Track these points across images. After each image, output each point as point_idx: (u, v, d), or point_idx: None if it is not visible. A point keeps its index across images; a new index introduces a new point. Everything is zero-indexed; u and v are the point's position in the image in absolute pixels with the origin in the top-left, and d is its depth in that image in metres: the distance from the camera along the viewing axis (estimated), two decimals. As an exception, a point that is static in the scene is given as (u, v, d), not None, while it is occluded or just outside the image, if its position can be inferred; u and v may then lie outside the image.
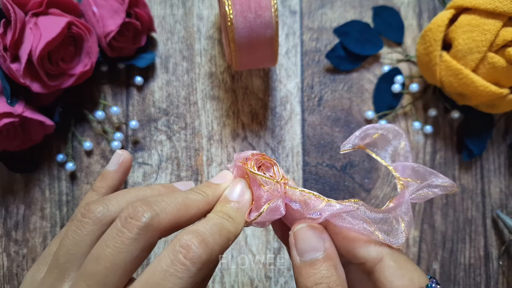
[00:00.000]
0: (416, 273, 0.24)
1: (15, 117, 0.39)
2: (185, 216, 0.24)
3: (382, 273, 0.24)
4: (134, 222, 0.22)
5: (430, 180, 0.28)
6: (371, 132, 0.31)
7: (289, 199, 0.27)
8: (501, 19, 0.38)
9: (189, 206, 0.24)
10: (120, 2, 0.41)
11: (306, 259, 0.24)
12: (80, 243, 0.23)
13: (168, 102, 0.47)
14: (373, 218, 0.26)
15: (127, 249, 0.21)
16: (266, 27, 0.37)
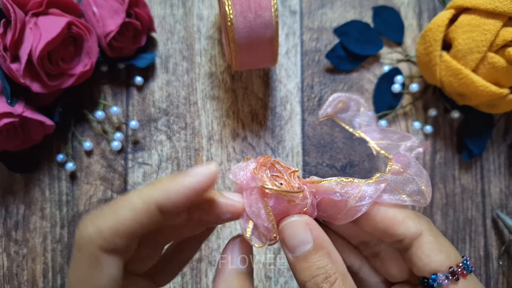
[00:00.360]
0: (452, 250, 0.25)
1: (15, 117, 0.39)
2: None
3: (420, 248, 0.24)
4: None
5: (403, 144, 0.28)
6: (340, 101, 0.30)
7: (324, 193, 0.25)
8: (501, 19, 0.38)
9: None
10: (120, 2, 0.41)
11: (298, 254, 0.24)
12: None
13: (168, 102, 0.47)
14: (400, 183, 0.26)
15: None
16: (266, 27, 0.37)
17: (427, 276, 0.25)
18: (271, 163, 0.26)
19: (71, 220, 0.45)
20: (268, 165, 0.25)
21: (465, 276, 0.24)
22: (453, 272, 0.24)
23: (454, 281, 0.24)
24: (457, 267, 0.24)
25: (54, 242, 0.45)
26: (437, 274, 0.24)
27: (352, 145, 0.47)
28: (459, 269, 0.24)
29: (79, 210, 0.45)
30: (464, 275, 0.24)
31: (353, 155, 0.47)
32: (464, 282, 0.24)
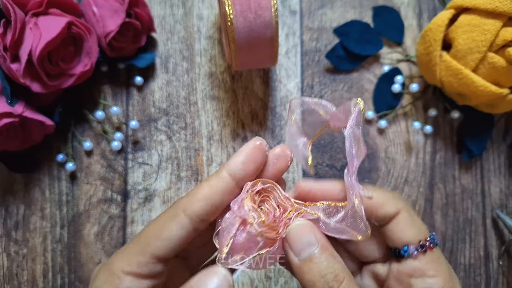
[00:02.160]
0: (422, 226, 0.28)
1: (15, 117, 0.39)
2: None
3: (396, 224, 0.28)
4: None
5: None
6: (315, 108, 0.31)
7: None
8: (501, 19, 0.38)
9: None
10: (120, 2, 0.41)
11: (304, 256, 0.25)
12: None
13: (168, 102, 0.47)
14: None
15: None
16: (266, 27, 0.37)
17: (400, 248, 0.28)
18: (267, 192, 0.26)
19: (71, 220, 0.45)
20: (261, 195, 0.26)
21: (431, 249, 0.27)
22: (422, 245, 0.27)
23: (422, 252, 0.27)
24: (425, 241, 0.27)
25: (54, 242, 0.45)
26: (408, 246, 0.27)
27: (352, 145, 0.47)
28: (427, 242, 0.27)
29: (79, 210, 0.45)
30: (431, 248, 0.27)
31: (353, 155, 0.47)
32: (430, 253, 0.27)
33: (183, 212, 0.25)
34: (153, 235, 0.25)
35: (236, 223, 0.24)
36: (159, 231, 0.25)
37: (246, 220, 0.24)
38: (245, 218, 0.24)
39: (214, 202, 0.25)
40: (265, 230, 0.24)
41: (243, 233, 0.24)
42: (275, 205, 0.26)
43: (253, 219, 0.24)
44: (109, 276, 0.25)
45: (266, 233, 0.24)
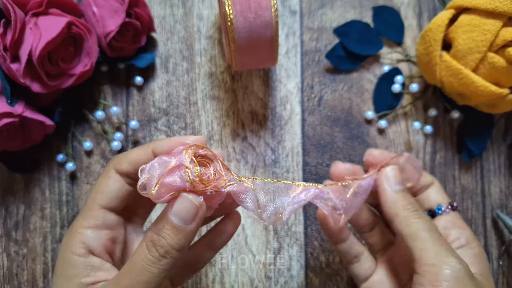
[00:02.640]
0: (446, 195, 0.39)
1: (15, 117, 0.39)
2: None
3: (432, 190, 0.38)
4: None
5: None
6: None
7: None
8: (501, 19, 0.38)
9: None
10: (120, 2, 0.41)
11: (398, 188, 0.35)
12: None
13: (168, 102, 0.47)
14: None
15: None
16: (266, 27, 0.37)
17: (434, 208, 0.37)
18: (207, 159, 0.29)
19: (71, 220, 0.45)
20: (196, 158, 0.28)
21: (456, 209, 0.37)
22: (451, 204, 0.37)
23: (452, 210, 0.37)
24: (449, 205, 0.37)
25: (54, 242, 0.45)
26: (441, 205, 0.37)
27: (352, 145, 0.47)
28: (454, 203, 0.37)
29: (79, 210, 0.45)
30: (456, 208, 0.37)
31: (353, 155, 0.47)
32: (456, 213, 0.37)
33: (114, 169, 0.31)
34: (96, 192, 0.31)
35: (169, 166, 0.27)
36: (100, 187, 0.31)
37: (181, 166, 0.27)
38: (183, 163, 0.27)
39: (137, 167, 0.30)
40: (197, 180, 0.27)
41: (173, 176, 0.27)
42: (212, 171, 0.29)
43: (190, 167, 0.27)
44: (72, 236, 0.30)
45: (195, 184, 0.27)
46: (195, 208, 0.28)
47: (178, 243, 0.27)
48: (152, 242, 0.27)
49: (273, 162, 0.46)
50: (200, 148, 0.29)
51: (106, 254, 0.31)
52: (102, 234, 0.31)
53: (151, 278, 0.27)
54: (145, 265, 0.27)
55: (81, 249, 0.30)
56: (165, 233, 0.27)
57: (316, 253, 0.45)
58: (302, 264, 0.45)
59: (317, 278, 0.45)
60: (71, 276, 0.29)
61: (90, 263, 0.29)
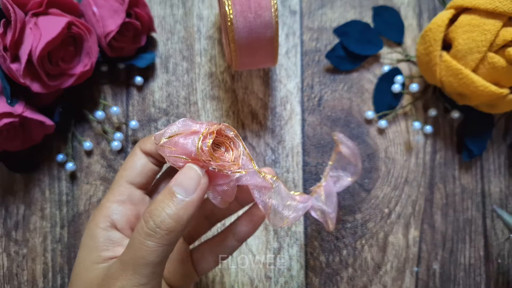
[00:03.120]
0: None
1: (15, 117, 0.39)
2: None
3: None
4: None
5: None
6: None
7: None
8: (501, 19, 0.38)
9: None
10: (120, 2, 0.41)
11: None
12: None
13: (168, 102, 0.47)
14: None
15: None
16: (266, 27, 0.37)
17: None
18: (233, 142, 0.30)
19: (71, 220, 0.45)
20: (212, 136, 0.28)
21: None
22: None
23: None
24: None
25: (54, 242, 0.45)
26: None
27: (352, 145, 0.47)
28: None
29: (79, 210, 0.45)
30: None
31: (353, 155, 0.47)
32: None
33: (139, 148, 0.33)
34: (123, 168, 0.32)
35: (189, 129, 0.28)
36: (127, 164, 0.32)
37: (197, 132, 0.28)
38: (200, 130, 0.28)
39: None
40: (205, 150, 0.27)
41: (187, 139, 0.28)
42: (231, 156, 0.29)
43: (205, 137, 0.27)
44: (98, 209, 0.31)
45: (202, 153, 0.27)
46: (197, 177, 0.27)
47: (176, 212, 0.26)
48: (149, 213, 0.27)
49: (273, 162, 0.46)
50: (231, 131, 0.29)
51: (129, 230, 0.31)
52: (127, 209, 0.31)
53: (147, 253, 0.26)
54: (141, 239, 0.26)
55: (106, 222, 0.30)
56: (163, 203, 0.27)
57: (316, 253, 0.45)
58: (302, 264, 0.45)
59: (317, 278, 0.45)
60: (92, 248, 0.30)
61: (110, 237, 0.30)
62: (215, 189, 0.29)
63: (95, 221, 0.31)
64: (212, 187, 0.29)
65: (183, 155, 0.28)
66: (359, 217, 0.46)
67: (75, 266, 0.30)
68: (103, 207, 0.31)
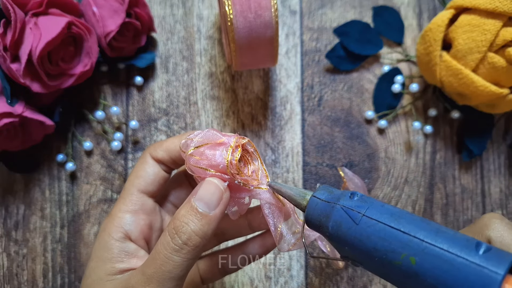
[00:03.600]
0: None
1: (15, 117, 0.39)
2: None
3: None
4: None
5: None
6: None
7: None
8: (501, 19, 0.38)
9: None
10: (120, 2, 0.41)
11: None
12: None
13: (168, 102, 0.47)
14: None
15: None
16: (266, 27, 0.37)
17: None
18: (242, 145, 0.30)
19: (71, 220, 0.45)
20: (239, 150, 0.29)
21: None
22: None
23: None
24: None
25: (54, 242, 0.45)
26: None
27: (352, 145, 0.47)
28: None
29: (79, 210, 0.45)
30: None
31: (353, 155, 0.47)
32: None
33: (150, 156, 0.32)
34: (134, 176, 0.32)
35: (216, 140, 0.28)
36: (138, 172, 0.32)
37: (227, 145, 0.28)
38: (230, 143, 0.28)
39: (171, 155, 0.32)
40: (234, 164, 0.28)
41: (215, 150, 0.28)
42: (250, 170, 0.30)
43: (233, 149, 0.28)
44: (110, 219, 0.31)
45: (231, 166, 0.28)
46: (219, 192, 0.27)
47: (201, 229, 0.27)
48: (175, 229, 0.27)
49: (273, 162, 0.46)
50: (250, 145, 0.30)
51: (143, 240, 0.31)
52: (140, 219, 0.31)
53: (174, 267, 0.26)
54: (168, 254, 0.26)
55: (119, 233, 0.30)
56: (188, 219, 0.27)
57: (316, 253, 0.45)
58: (302, 264, 0.45)
59: (317, 278, 0.45)
60: (106, 260, 0.29)
61: (125, 249, 0.30)
62: (233, 201, 0.30)
63: (108, 232, 0.30)
64: (231, 199, 0.29)
65: (209, 166, 0.28)
66: (359, 217, 0.46)
67: (86, 277, 0.30)
68: (115, 217, 0.31)
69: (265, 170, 0.30)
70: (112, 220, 0.31)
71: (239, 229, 0.35)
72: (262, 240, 0.35)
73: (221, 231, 0.36)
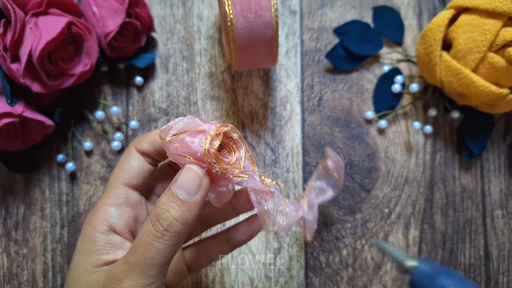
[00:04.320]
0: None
1: (15, 117, 0.39)
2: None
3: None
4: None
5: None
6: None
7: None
8: (501, 19, 0.38)
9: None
10: (120, 2, 0.41)
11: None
12: None
13: (168, 102, 0.47)
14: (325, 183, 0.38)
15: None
16: (266, 27, 0.37)
17: None
18: (236, 144, 0.30)
19: (71, 220, 0.45)
20: (219, 137, 0.29)
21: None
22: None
23: None
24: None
25: (54, 242, 0.45)
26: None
27: (352, 145, 0.47)
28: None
29: (79, 210, 0.45)
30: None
31: (353, 155, 0.47)
32: None
33: (134, 148, 0.32)
34: (119, 170, 0.32)
35: (197, 128, 0.28)
36: (122, 166, 0.32)
37: (205, 131, 0.28)
38: (207, 130, 0.28)
39: (156, 147, 0.32)
40: (212, 152, 0.27)
41: (194, 138, 0.28)
42: (233, 158, 0.29)
43: (212, 138, 0.28)
44: (95, 213, 0.31)
45: (208, 154, 0.27)
46: (198, 178, 0.28)
47: (182, 215, 0.27)
48: (156, 216, 0.27)
49: (273, 162, 0.46)
50: (235, 132, 0.29)
51: (128, 233, 0.31)
52: (125, 212, 0.31)
53: (155, 254, 0.26)
54: (150, 240, 0.26)
55: (104, 226, 0.30)
56: (168, 205, 0.27)
57: (316, 253, 0.45)
58: (302, 264, 0.45)
59: (317, 278, 0.45)
60: (91, 252, 0.29)
61: (110, 241, 0.30)
62: (214, 189, 0.30)
63: (92, 225, 0.30)
64: (212, 187, 0.29)
65: (188, 154, 0.28)
66: (359, 217, 0.46)
67: (71, 270, 0.30)
68: (100, 210, 0.31)
69: (251, 157, 0.30)
70: (97, 213, 0.31)
71: (224, 214, 0.36)
72: (247, 225, 0.35)
73: (205, 217, 0.36)
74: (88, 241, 0.30)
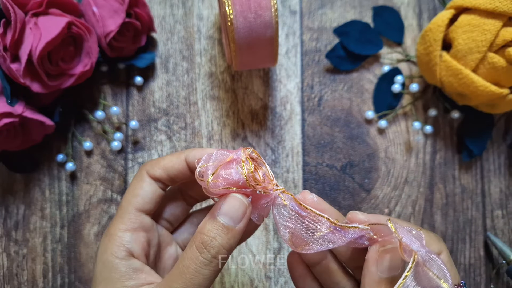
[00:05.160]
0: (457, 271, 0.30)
1: (15, 117, 0.39)
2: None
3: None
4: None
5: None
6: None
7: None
8: (501, 19, 0.38)
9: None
10: (120, 2, 0.41)
11: (388, 275, 0.28)
12: None
13: (168, 102, 0.47)
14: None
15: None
16: (266, 27, 0.37)
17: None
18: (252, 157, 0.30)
19: (71, 220, 0.45)
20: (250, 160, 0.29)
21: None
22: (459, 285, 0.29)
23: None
24: (458, 286, 0.29)
25: (54, 242, 0.45)
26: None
27: (352, 145, 0.47)
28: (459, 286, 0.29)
29: (79, 210, 0.45)
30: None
31: (353, 155, 0.47)
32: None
33: (147, 174, 0.32)
34: (131, 196, 0.31)
35: (226, 159, 0.29)
36: (135, 191, 0.32)
37: (238, 160, 0.29)
38: (240, 158, 0.29)
39: (170, 173, 0.32)
40: (250, 177, 0.28)
41: (229, 169, 0.28)
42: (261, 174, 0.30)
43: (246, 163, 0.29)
44: (110, 239, 0.30)
45: (249, 179, 0.28)
46: (244, 206, 0.28)
47: (228, 242, 0.28)
48: (203, 244, 0.28)
49: (273, 162, 0.46)
50: (253, 152, 0.30)
51: (144, 256, 0.31)
52: (140, 237, 0.31)
53: (203, 280, 0.27)
54: (197, 268, 0.27)
55: (123, 252, 0.30)
56: (215, 233, 0.28)
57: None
58: (302, 264, 0.45)
59: (317, 278, 0.45)
60: (114, 280, 0.29)
61: (132, 266, 0.30)
62: (257, 209, 0.30)
63: (110, 252, 0.30)
64: (255, 207, 0.30)
65: (229, 185, 0.28)
66: (359, 217, 0.46)
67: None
68: (116, 236, 0.30)
69: (271, 173, 0.31)
70: (113, 240, 0.30)
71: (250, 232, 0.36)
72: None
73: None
74: (109, 269, 0.29)
